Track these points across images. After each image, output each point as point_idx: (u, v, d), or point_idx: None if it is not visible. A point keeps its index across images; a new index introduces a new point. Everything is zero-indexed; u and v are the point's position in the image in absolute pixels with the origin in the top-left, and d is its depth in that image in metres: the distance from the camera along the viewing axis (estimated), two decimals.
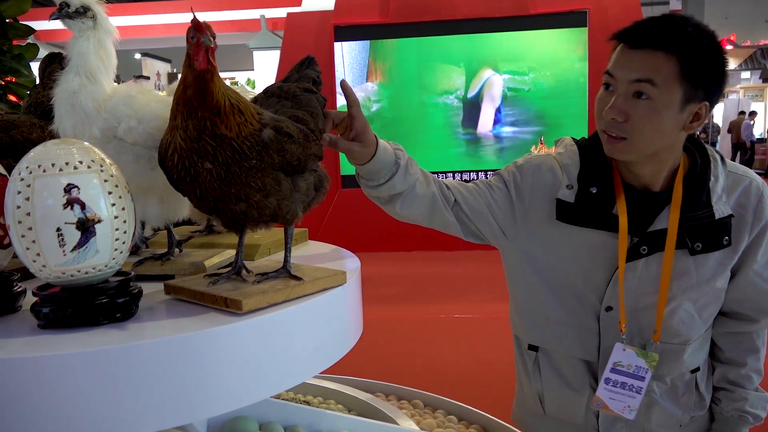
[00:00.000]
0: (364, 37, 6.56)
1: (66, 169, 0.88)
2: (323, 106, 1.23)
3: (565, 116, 6.36)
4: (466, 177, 6.50)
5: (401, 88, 6.65)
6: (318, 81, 1.27)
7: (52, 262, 0.87)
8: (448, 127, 6.65)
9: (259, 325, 0.94)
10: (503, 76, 6.51)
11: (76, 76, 1.12)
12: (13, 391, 0.81)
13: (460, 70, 6.55)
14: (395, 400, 2.02)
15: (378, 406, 1.69)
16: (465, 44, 6.47)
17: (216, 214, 1.04)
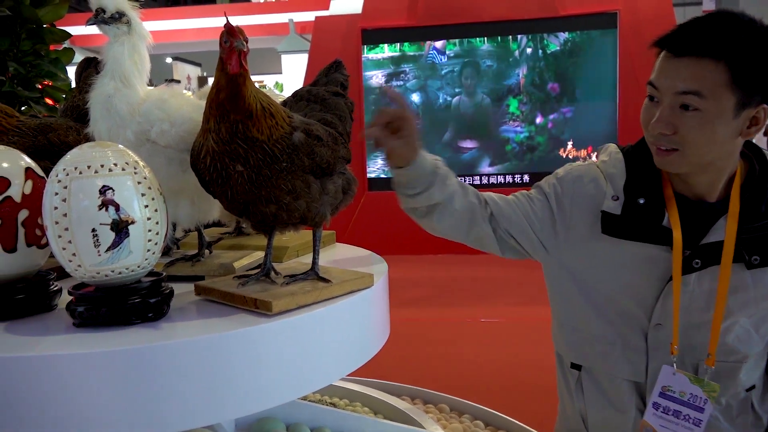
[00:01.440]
0: (391, 40, 6.57)
1: (101, 171, 0.89)
2: (351, 110, 1.24)
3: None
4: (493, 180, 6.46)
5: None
6: (346, 84, 1.28)
7: (87, 262, 0.89)
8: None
9: (288, 326, 0.95)
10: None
11: (111, 81, 1.14)
12: (49, 387, 0.82)
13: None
14: (421, 403, 2.01)
15: (404, 409, 1.68)
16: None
17: (246, 216, 1.05)
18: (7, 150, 1.01)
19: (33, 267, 1.02)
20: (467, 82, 6.53)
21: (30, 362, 0.82)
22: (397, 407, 1.71)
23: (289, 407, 1.51)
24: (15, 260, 0.98)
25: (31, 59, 2.01)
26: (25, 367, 0.82)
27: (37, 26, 2.01)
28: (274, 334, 0.93)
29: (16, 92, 1.93)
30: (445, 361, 3.21)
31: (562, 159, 6.32)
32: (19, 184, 0.97)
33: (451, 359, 3.24)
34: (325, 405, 1.61)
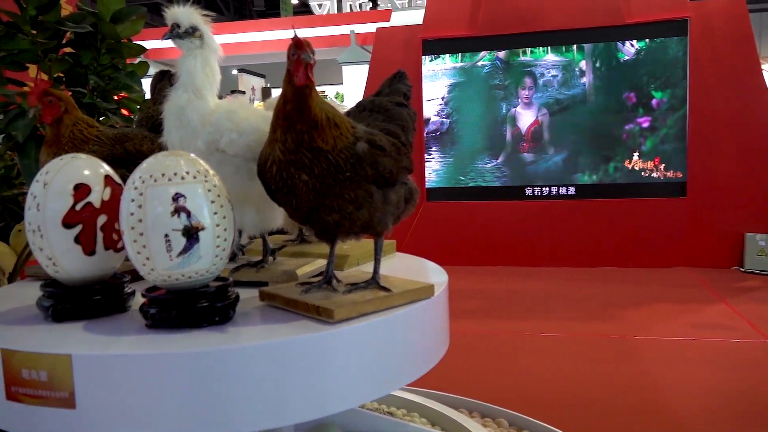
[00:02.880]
0: (452, 51, 6.56)
1: (174, 179, 0.93)
2: (414, 120, 1.25)
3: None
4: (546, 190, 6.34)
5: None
6: (408, 95, 1.28)
7: (159, 266, 0.93)
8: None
9: (349, 334, 0.95)
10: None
11: (184, 92, 1.19)
12: (122, 385, 0.86)
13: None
14: (479, 417, 1.98)
15: (462, 422, 1.67)
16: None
17: (309, 224, 1.07)
18: (88, 158, 1.07)
19: (109, 270, 1.07)
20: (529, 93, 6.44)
21: (107, 361, 0.86)
22: (455, 419, 1.69)
23: (348, 415, 1.52)
24: (94, 263, 1.03)
25: (109, 72, 2.11)
26: (102, 365, 0.86)
27: (116, 41, 2.12)
28: (336, 341, 0.94)
29: (96, 104, 2.03)
30: (504, 375, 3.15)
31: (628, 170, 6.13)
32: (99, 191, 1.02)
33: (510, 373, 3.18)
34: (382, 414, 1.61)
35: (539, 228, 6.21)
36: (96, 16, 2.02)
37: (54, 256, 1.01)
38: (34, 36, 1.93)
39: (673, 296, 4.73)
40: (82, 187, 1.01)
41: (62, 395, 0.87)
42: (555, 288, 5.15)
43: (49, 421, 0.89)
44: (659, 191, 6.03)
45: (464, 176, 6.71)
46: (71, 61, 2.04)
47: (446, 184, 6.62)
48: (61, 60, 2.02)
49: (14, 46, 1.91)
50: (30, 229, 1.01)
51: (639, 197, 6.05)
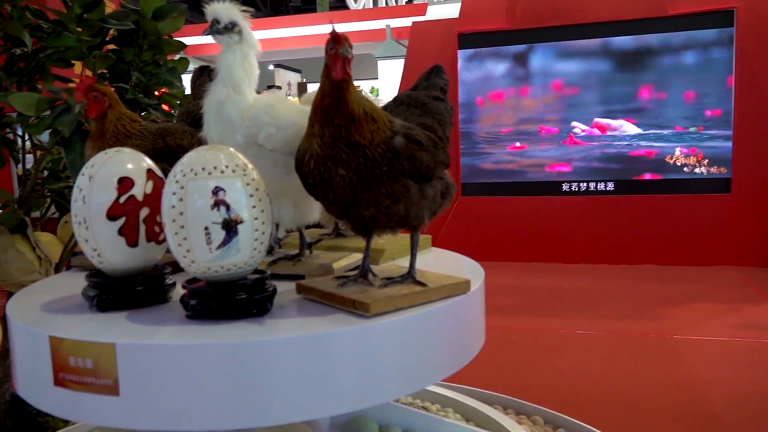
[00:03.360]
0: (489, 44, 6.50)
1: (214, 173, 0.95)
2: (451, 114, 1.24)
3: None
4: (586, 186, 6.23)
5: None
6: (446, 89, 1.28)
7: (199, 258, 0.95)
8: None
9: (385, 328, 0.96)
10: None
11: (223, 88, 1.21)
12: (164, 374, 0.88)
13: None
14: (514, 414, 1.97)
15: (497, 418, 1.66)
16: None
17: (346, 218, 1.07)
18: (132, 152, 1.09)
19: (151, 261, 1.10)
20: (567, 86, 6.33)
21: (149, 350, 0.88)
22: (490, 416, 1.68)
23: (382, 409, 1.52)
24: (136, 254, 1.05)
25: (151, 68, 2.16)
26: (145, 354, 0.88)
27: (157, 38, 2.16)
28: (372, 335, 0.95)
29: (138, 99, 2.08)
30: (539, 372, 3.12)
31: (669, 165, 5.98)
32: (141, 184, 1.05)
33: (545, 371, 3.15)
34: (416, 408, 1.61)
35: (576, 224, 6.11)
36: (138, 13, 2.06)
37: (99, 248, 1.03)
38: (79, 33, 1.98)
39: (716, 295, 4.60)
40: (125, 180, 1.03)
41: (107, 382, 0.89)
42: (592, 285, 5.07)
43: (94, 408, 0.91)
44: (702, 187, 5.86)
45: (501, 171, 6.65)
46: (114, 57, 2.09)
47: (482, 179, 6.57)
48: (105, 57, 2.07)
49: (60, 43, 1.96)
50: (76, 221, 1.04)
51: (681, 193, 5.90)
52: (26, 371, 1.02)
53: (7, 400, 2.41)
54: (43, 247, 2.16)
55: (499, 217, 6.36)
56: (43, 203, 2.40)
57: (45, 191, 2.39)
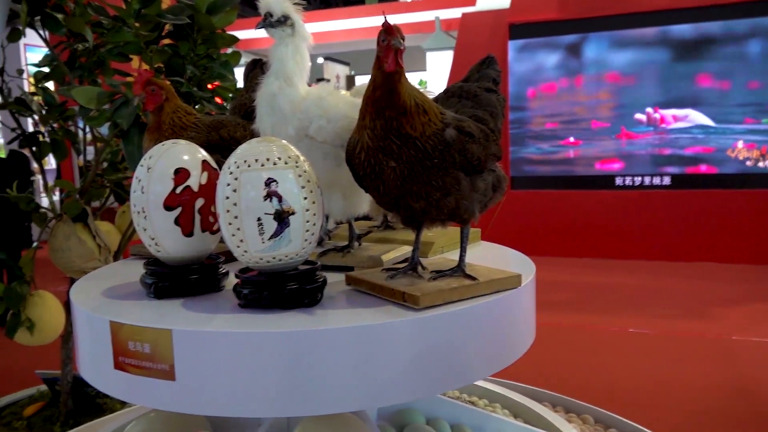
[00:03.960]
0: (541, 35, 6.37)
1: (267, 165, 0.96)
2: (503, 106, 1.22)
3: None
4: None
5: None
6: (498, 80, 1.26)
7: (252, 248, 0.97)
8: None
9: (434, 321, 0.95)
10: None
11: (275, 80, 1.22)
12: (217, 360, 0.91)
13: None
14: (563, 411, 1.94)
15: (545, 415, 1.63)
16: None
17: (396, 211, 1.07)
18: (187, 144, 1.12)
19: (205, 251, 1.12)
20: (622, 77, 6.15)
21: (204, 337, 0.90)
22: (539, 413, 1.66)
23: (429, 402, 1.52)
24: (191, 244, 1.08)
25: (204, 62, 2.21)
26: (199, 341, 0.91)
27: (211, 32, 2.21)
28: (420, 327, 0.95)
29: (192, 93, 2.13)
30: (589, 371, 3.06)
31: (730, 158, 5.75)
32: (197, 175, 1.07)
33: (596, 369, 3.09)
34: (464, 403, 1.61)
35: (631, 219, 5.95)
36: (193, 8, 2.11)
37: (156, 236, 1.07)
38: (137, 29, 2.04)
39: None
40: (181, 171, 1.06)
41: (163, 367, 0.92)
42: (646, 282, 4.92)
43: (151, 391, 0.95)
44: (765, 182, 5.61)
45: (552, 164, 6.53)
46: (170, 51, 2.15)
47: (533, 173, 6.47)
48: (161, 51, 2.13)
49: (120, 38, 2.03)
50: (135, 210, 1.08)
51: (742, 188, 5.66)
52: (88, 354, 1.06)
53: (69, 381, 2.52)
54: (102, 235, 2.24)
55: (549, 211, 6.25)
56: (103, 193, 2.50)
57: (104, 182, 2.48)
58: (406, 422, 1.47)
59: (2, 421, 2.64)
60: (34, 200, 2.22)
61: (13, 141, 2.46)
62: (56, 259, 2.21)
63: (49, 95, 2.29)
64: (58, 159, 2.42)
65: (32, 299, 2.27)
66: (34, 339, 2.29)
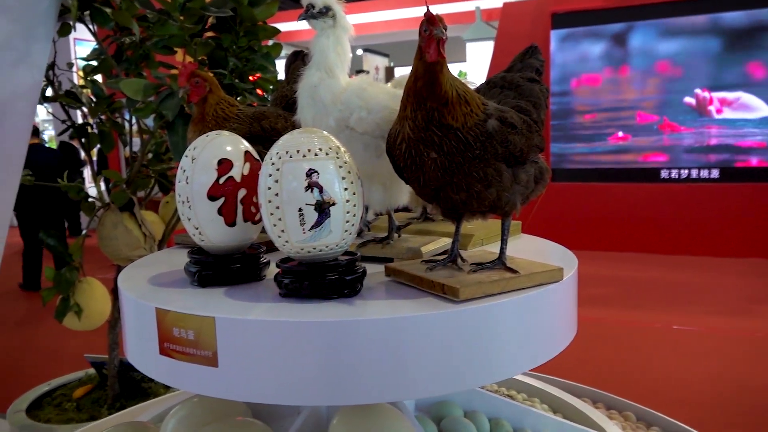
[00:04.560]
0: (585, 24, 6.23)
1: (308, 156, 0.97)
2: (546, 97, 1.20)
3: None
4: None
5: None
6: (541, 70, 1.24)
7: (293, 238, 0.98)
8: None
9: (473, 313, 0.95)
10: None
11: (316, 71, 1.23)
12: (259, 348, 0.92)
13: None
14: (604, 408, 1.91)
15: (586, 411, 1.61)
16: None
17: (436, 203, 1.07)
18: (230, 135, 1.14)
19: (247, 240, 1.14)
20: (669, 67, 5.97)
21: (246, 325, 0.92)
22: (579, 408, 1.63)
23: (467, 395, 1.52)
24: (234, 233, 1.10)
25: (246, 54, 2.24)
26: (242, 329, 0.92)
27: (252, 24, 2.23)
28: (460, 320, 0.94)
29: (234, 84, 2.16)
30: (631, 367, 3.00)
31: None
32: (239, 166, 1.09)
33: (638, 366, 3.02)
34: (502, 396, 1.60)
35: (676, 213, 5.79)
36: (235, 0, 2.14)
37: (200, 226, 1.09)
38: (182, 22, 2.08)
39: None
40: (225, 162, 1.08)
41: (206, 354, 0.94)
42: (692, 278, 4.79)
43: (195, 377, 0.97)
44: None
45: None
46: (213, 44, 2.18)
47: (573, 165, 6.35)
48: (205, 43, 2.16)
49: (165, 31, 2.07)
50: (180, 200, 1.10)
51: None
52: (135, 340, 1.10)
53: (116, 365, 2.61)
54: (148, 224, 2.30)
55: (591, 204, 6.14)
56: (148, 183, 2.56)
57: (149, 172, 2.54)
58: (444, 415, 1.47)
59: (53, 402, 2.75)
60: (83, 190, 2.29)
61: (64, 132, 2.54)
62: (104, 246, 2.28)
63: (97, 87, 2.36)
64: (106, 150, 2.49)
65: (81, 285, 2.35)
66: (82, 324, 2.37)
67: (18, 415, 2.59)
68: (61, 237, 2.33)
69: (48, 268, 2.28)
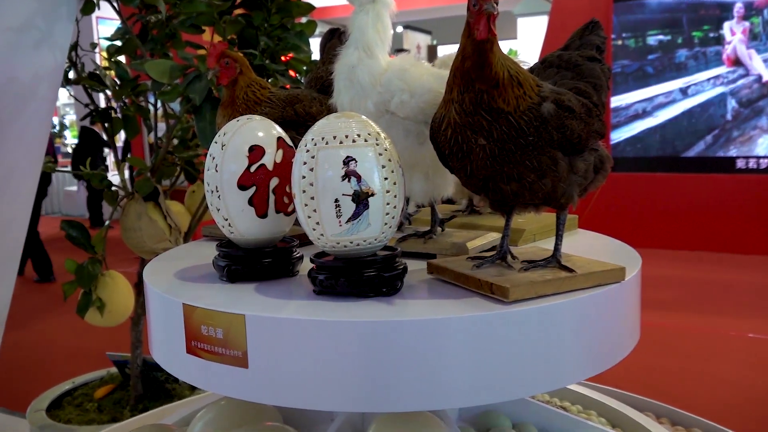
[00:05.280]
0: None
1: (345, 142, 0.98)
2: (608, 77, 1.19)
3: None
4: None
5: None
6: (603, 48, 1.22)
7: (329, 231, 0.99)
8: None
9: (525, 316, 0.95)
10: None
11: (355, 51, 1.23)
12: (291, 348, 0.94)
13: None
14: (668, 424, 1.87)
15: (648, 426, 1.59)
16: None
17: (485, 194, 1.07)
18: (262, 120, 1.16)
19: (279, 233, 1.16)
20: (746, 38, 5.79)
21: (278, 323, 0.94)
22: (640, 423, 1.61)
23: (516, 405, 1.51)
24: (265, 225, 1.12)
25: (278, 33, 2.26)
26: (273, 327, 0.94)
27: (285, 0, 2.26)
28: (509, 323, 0.94)
29: (265, 65, 2.19)
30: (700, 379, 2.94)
31: None
32: (272, 153, 1.11)
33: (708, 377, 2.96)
34: (554, 408, 1.59)
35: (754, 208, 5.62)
36: None
37: (230, 217, 1.11)
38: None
39: None
40: (256, 149, 1.10)
41: (236, 354, 0.97)
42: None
43: (224, 378, 0.99)
44: None
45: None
46: (243, 22, 2.21)
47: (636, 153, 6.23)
48: (235, 21, 2.20)
49: (192, 9, 2.11)
50: (209, 189, 1.13)
51: None
52: (161, 337, 1.13)
53: (139, 365, 2.68)
54: (173, 215, 2.36)
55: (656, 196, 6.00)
56: (174, 171, 2.62)
57: (175, 159, 2.60)
58: (490, 425, 1.47)
59: (74, 401, 2.85)
60: (106, 177, 2.36)
61: (86, 117, 2.62)
62: (127, 238, 2.34)
63: (121, 69, 2.42)
64: (130, 135, 2.56)
65: (103, 279, 2.42)
66: (105, 320, 2.44)
67: (38, 414, 2.69)
68: (82, 227, 2.39)
69: (69, 260, 2.35)
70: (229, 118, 1.34)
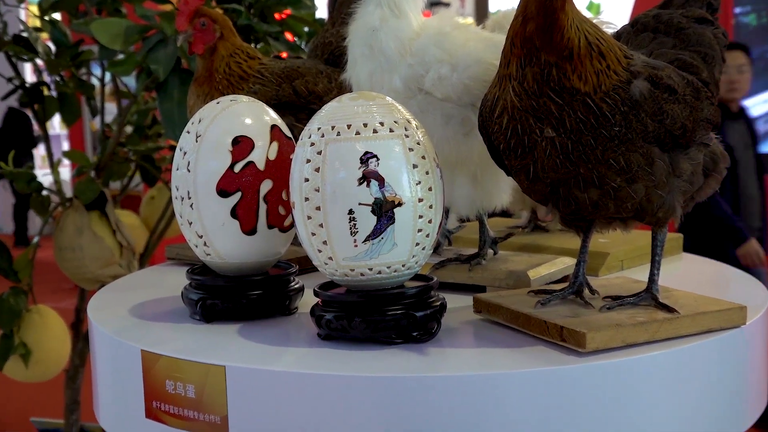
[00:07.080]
0: None
1: (364, 133, 0.99)
2: (723, 46, 1.20)
3: None
4: None
5: None
6: (716, 6, 1.23)
7: (340, 253, 1.00)
8: None
9: (608, 372, 0.96)
10: None
11: (377, 8, 1.25)
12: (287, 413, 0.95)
13: None
14: None
15: None
16: None
17: (553, 204, 1.08)
18: (251, 102, 1.18)
19: (272, 256, 1.18)
20: None
21: (270, 378, 0.96)
22: None
23: None
24: (253, 245, 1.14)
25: None
26: (264, 383, 0.96)
27: None
28: (585, 381, 0.95)
29: (253, 26, 2.21)
30: None
31: None
32: (263, 147, 1.13)
33: None
34: None
35: None
36: None
37: (206, 234, 1.13)
38: None
39: None
40: (242, 140, 1.11)
41: (213, 419, 0.99)
42: None
43: None
44: None
45: None
46: None
47: None
48: None
49: None
50: (177, 196, 1.15)
51: None
52: (110, 397, 1.16)
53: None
54: (125, 230, 2.38)
55: None
56: (126, 170, 2.64)
57: (128, 154, 2.62)
58: None
59: None
60: (35, 178, 2.38)
61: (9, 95, 2.64)
62: (63, 261, 2.36)
63: (58, 31, 2.44)
64: (68, 121, 2.59)
65: (29, 317, 2.40)
66: (30, 372, 2.44)
67: None
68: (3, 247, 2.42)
69: None
70: (206, 99, 1.37)
